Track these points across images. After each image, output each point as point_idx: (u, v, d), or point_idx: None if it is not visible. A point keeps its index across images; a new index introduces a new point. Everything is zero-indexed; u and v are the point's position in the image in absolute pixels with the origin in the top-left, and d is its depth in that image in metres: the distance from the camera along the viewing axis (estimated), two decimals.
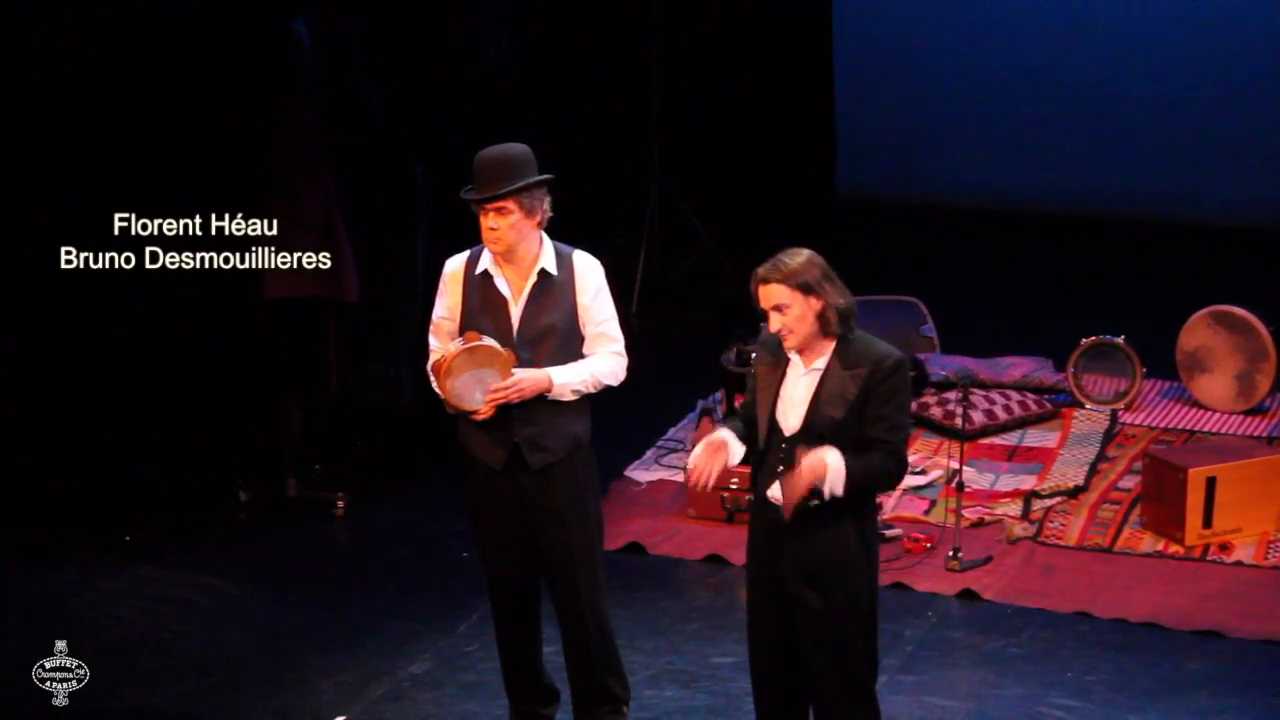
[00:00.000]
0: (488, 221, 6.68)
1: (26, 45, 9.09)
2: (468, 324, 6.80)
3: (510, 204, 6.65)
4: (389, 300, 9.42)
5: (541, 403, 6.73)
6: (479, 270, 6.82)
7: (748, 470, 6.53)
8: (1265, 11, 13.12)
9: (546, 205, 6.75)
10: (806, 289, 6.20)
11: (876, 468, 6.18)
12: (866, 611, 6.40)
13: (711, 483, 6.33)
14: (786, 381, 6.31)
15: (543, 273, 6.76)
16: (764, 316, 6.29)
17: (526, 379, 6.68)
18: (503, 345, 6.71)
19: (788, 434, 6.29)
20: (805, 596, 6.30)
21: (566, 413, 6.78)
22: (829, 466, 6.09)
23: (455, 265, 6.90)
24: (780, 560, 6.33)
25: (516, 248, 6.72)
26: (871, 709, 6.50)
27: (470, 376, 6.68)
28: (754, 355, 6.47)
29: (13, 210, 9.26)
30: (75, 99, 9.22)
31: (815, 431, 6.21)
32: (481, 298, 6.81)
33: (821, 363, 6.27)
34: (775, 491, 6.30)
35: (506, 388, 6.66)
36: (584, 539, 6.86)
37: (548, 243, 6.80)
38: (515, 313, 6.77)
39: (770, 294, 6.23)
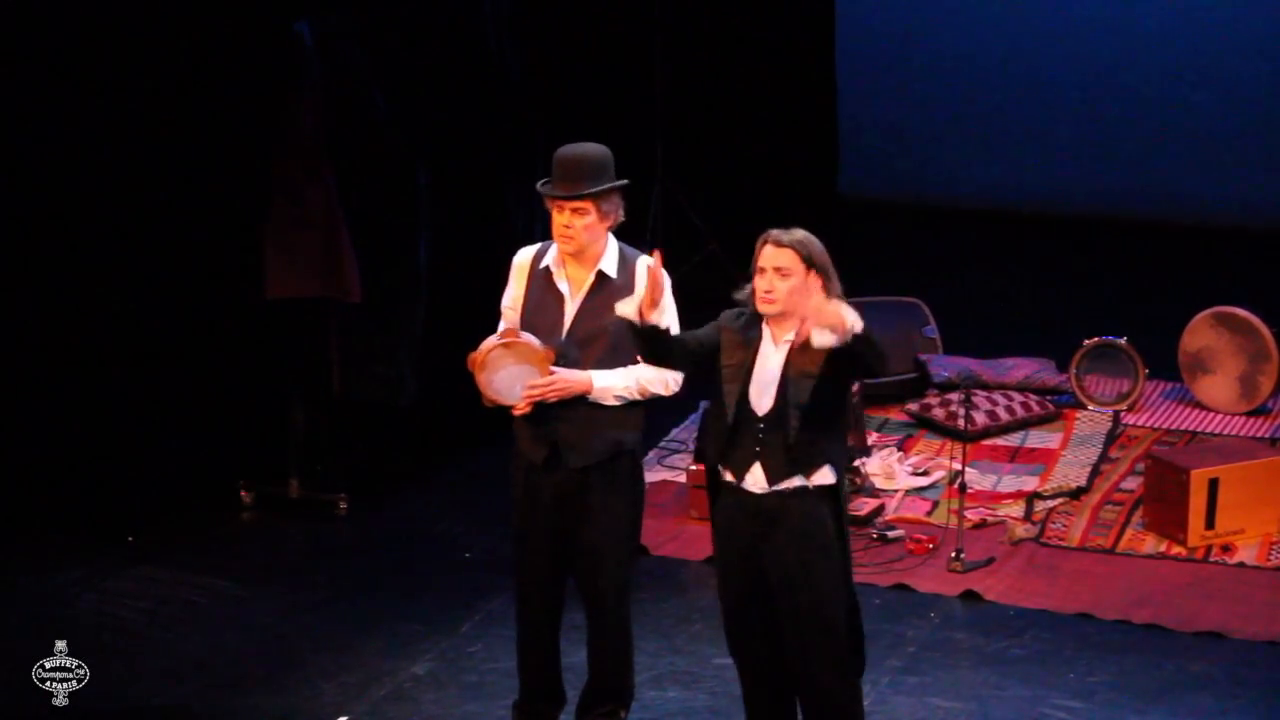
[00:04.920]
0: (563, 219, 6.65)
1: (29, 46, 9.09)
2: (526, 317, 6.79)
3: (589, 205, 6.62)
4: (391, 300, 9.42)
5: (583, 404, 6.69)
6: (543, 265, 6.81)
7: None
8: (1266, 11, 13.12)
9: (620, 210, 6.73)
10: (812, 265, 6.26)
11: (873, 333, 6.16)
12: (846, 595, 6.41)
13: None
14: (758, 360, 6.33)
15: (601, 274, 6.73)
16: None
17: (565, 379, 6.65)
18: (552, 342, 6.70)
19: (761, 414, 6.32)
20: (790, 585, 6.31)
21: (609, 417, 6.70)
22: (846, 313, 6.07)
23: (524, 257, 6.88)
24: (765, 552, 6.34)
25: (587, 248, 6.71)
26: (855, 692, 6.48)
27: (505, 371, 6.66)
28: (724, 327, 6.43)
29: (14, 211, 9.26)
30: (78, 99, 9.23)
31: (791, 404, 6.24)
32: (541, 293, 6.79)
33: (790, 337, 6.31)
34: (757, 475, 6.30)
35: (545, 385, 6.64)
36: (614, 543, 6.82)
37: (613, 245, 6.77)
38: (569, 311, 6.75)
39: (778, 256, 6.26)
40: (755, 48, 13.45)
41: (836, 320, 6.06)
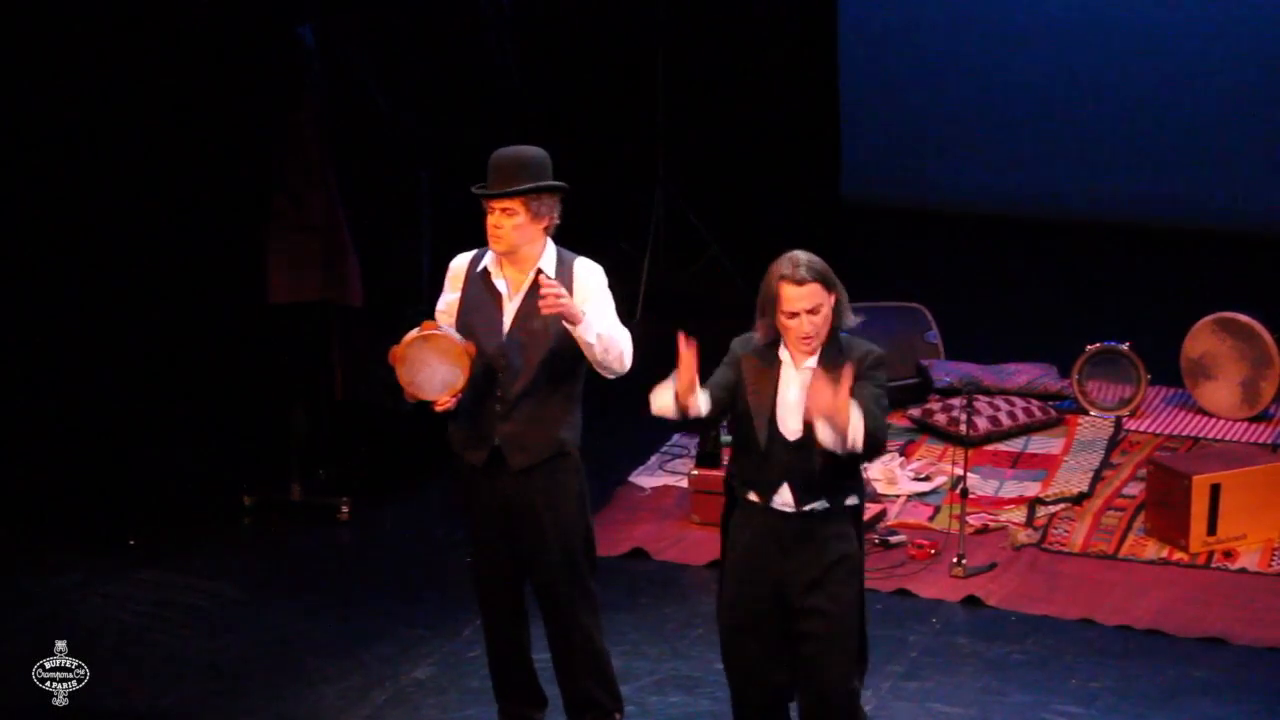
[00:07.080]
0: (493, 219, 6.68)
1: (30, 49, 9.10)
2: (463, 319, 6.79)
3: (517, 205, 6.64)
4: (393, 304, 9.42)
5: (523, 402, 6.69)
6: (480, 268, 6.83)
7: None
8: (1268, 15, 13.12)
9: (556, 213, 6.74)
10: (830, 285, 6.24)
11: (877, 427, 6.11)
12: (861, 612, 6.42)
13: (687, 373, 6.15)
14: (781, 385, 6.31)
15: (540, 274, 6.74)
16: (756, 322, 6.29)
17: (563, 292, 6.54)
18: (492, 342, 6.69)
19: (791, 439, 6.29)
20: (812, 602, 6.30)
21: (550, 415, 6.70)
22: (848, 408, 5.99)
23: (460, 262, 6.91)
24: (788, 568, 6.32)
25: (519, 249, 6.72)
26: (856, 695, 6.48)
27: (426, 366, 6.65)
28: (742, 354, 6.39)
29: (16, 213, 9.26)
30: (80, 103, 9.23)
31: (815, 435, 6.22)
32: (478, 294, 6.80)
33: (811, 362, 6.28)
34: (786, 496, 6.29)
35: (554, 286, 6.51)
36: (564, 548, 6.79)
37: (551, 248, 6.79)
38: (509, 311, 6.75)
39: (810, 294, 6.18)
40: (757, 51, 13.44)
41: (841, 418, 5.95)
